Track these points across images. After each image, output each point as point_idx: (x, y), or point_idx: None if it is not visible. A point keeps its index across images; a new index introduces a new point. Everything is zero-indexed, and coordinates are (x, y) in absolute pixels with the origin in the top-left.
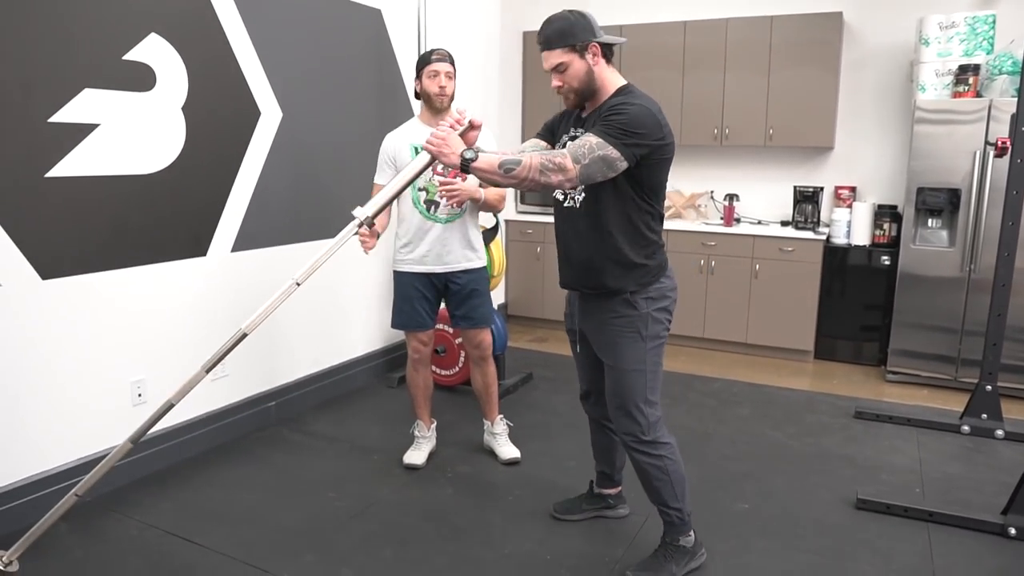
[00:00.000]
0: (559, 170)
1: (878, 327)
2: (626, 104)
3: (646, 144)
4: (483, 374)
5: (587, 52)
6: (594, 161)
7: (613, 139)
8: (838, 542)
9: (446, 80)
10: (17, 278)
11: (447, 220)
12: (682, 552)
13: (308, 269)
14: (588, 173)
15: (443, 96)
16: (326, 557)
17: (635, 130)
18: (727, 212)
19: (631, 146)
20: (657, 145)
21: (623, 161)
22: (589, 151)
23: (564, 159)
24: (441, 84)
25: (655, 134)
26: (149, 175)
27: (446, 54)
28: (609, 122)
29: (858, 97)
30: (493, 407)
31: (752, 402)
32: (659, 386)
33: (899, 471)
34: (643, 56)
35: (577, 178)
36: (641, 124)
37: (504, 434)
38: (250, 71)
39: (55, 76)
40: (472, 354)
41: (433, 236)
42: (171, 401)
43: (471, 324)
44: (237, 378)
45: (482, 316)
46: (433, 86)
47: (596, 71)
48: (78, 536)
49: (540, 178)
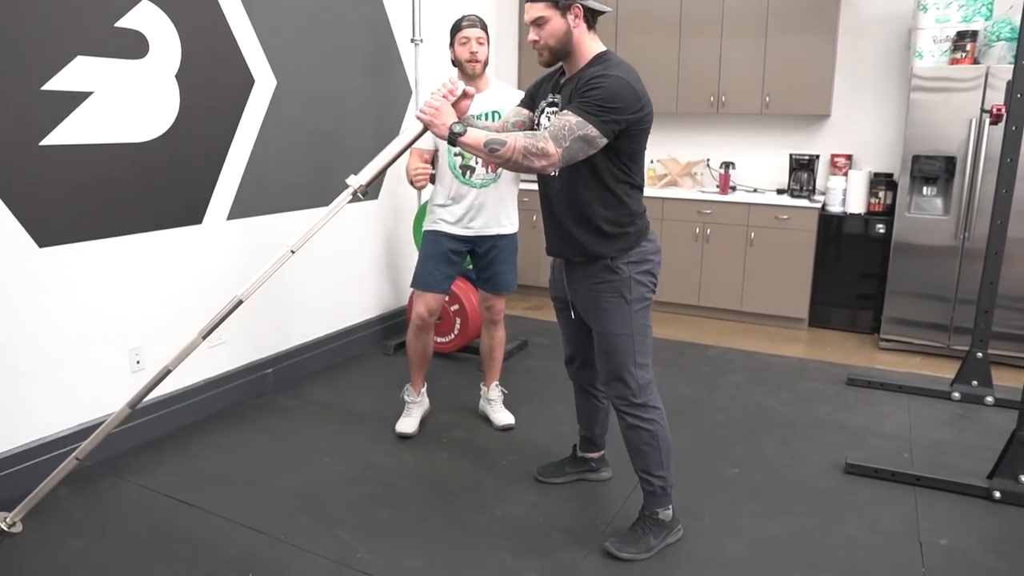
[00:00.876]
0: (542, 155)
1: (872, 295)
2: (603, 76)
3: (624, 118)
4: (490, 337)
5: (569, 12)
6: (574, 142)
7: (591, 116)
8: (826, 505)
9: (477, 46)
10: (14, 246)
11: (482, 185)
12: (660, 526)
13: (303, 237)
14: (570, 155)
15: (475, 63)
16: (321, 519)
17: (612, 104)
18: (723, 180)
19: (609, 122)
20: (635, 118)
21: (602, 138)
22: (569, 132)
23: (546, 143)
24: (472, 50)
25: (633, 106)
26: (143, 143)
27: (477, 19)
28: (587, 98)
29: (855, 64)
30: (494, 372)
31: (746, 369)
32: (649, 348)
33: (889, 437)
34: (639, 22)
35: (560, 161)
36: (618, 98)
37: (499, 400)
38: (244, 39)
39: (47, 44)
40: (484, 316)
41: (468, 200)
42: (168, 367)
43: (493, 289)
44: (235, 345)
45: (505, 283)
46: (464, 52)
47: (576, 33)
48: (79, 499)
49: (523, 161)
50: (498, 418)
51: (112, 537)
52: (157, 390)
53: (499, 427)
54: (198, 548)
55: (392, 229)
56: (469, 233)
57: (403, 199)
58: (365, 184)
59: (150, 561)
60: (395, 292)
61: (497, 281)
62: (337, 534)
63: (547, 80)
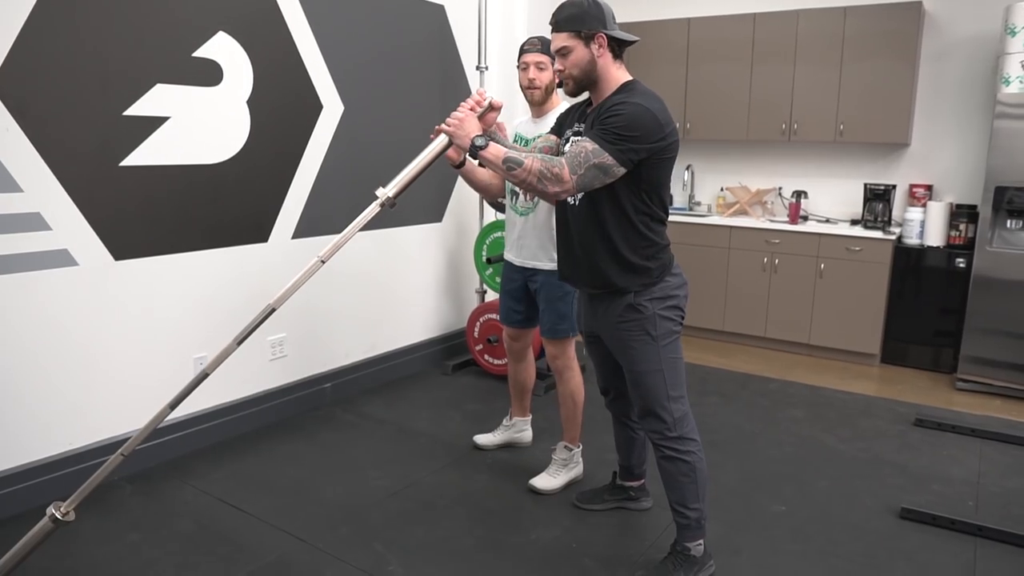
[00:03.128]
0: (556, 180)
1: (951, 332)
2: (624, 104)
3: (643, 147)
4: (557, 390)
5: (593, 42)
6: (589, 170)
7: (608, 144)
8: (874, 550)
9: (536, 72)
10: (93, 258)
11: (523, 213)
12: (691, 561)
13: (332, 247)
14: (585, 183)
15: (532, 90)
16: (360, 531)
17: (631, 133)
18: (792, 209)
19: (626, 151)
20: (657, 147)
21: (619, 167)
22: (584, 160)
23: (562, 170)
24: (531, 76)
25: (653, 135)
26: (215, 165)
27: (538, 43)
28: (605, 125)
29: (937, 91)
30: (566, 429)
31: (807, 404)
32: (681, 381)
33: (954, 482)
34: (710, 49)
35: (574, 188)
36: (637, 126)
37: (560, 463)
38: (313, 66)
39: (130, 72)
40: None
41: (517, 227)
42: (206, 371)
43: (542, 330)
44: (296, 359)
45: (548, 326)
46: (523, 79)
47: (600, 63)
48: (139, 497)
49: (537, 185)
50: (538, 480)
51: (164, 534)
52: (219, 399)
53: (531, 487)
54: (241, 550)
55: (455, 250)
56: (517, 263)
57: (466, 221)
58: (393, 196)
59: (196, 559)
60: (456, 313)
61: (542, 320)
62: (373, 546)
63: (575, 109)
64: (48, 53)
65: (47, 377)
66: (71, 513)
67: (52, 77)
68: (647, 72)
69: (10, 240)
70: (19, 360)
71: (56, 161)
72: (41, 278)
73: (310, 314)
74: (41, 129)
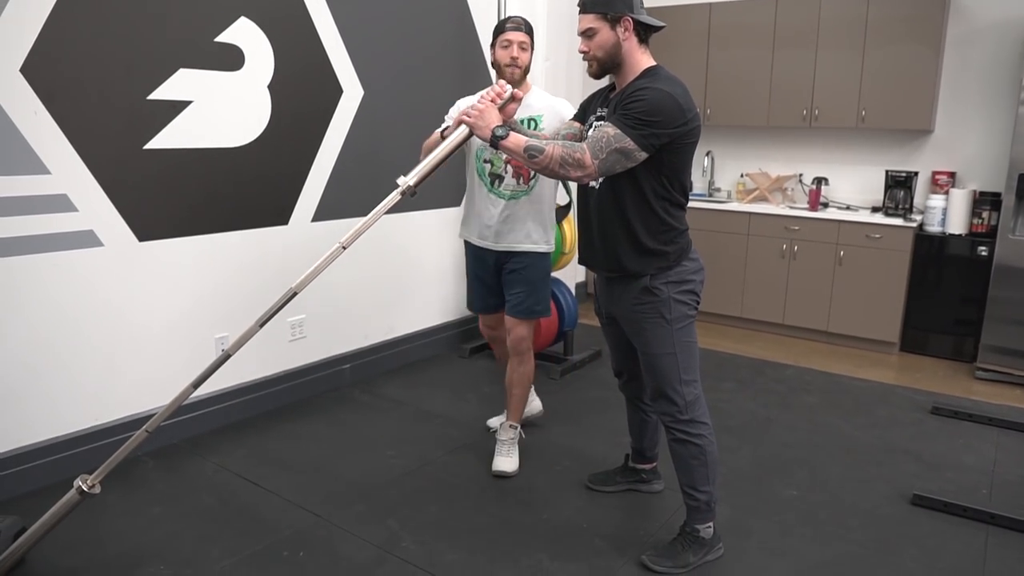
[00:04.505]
0: (577, 165)
1: (971, 321)
2: (646, 89)
3: (665, 132)
4: (511, 368)
5: (619, 24)
6: (611, 154)
7: (630, 129)
8: (885, 535)
9: (519, 51)
10: (117, 240)
11: (511, 197)
12: (700, 543)
13: (353, 233)
14: (606, 167)
15: (514, 68)
16: (375, 508)
17: (653, 118)
18: (812, 196)
19: (648, 136)
20: (678, 132)
21: (641, 152)
22: (606, 144)
23: (583, 155)
24: (513, 55)
25: (675, 120)
26: (237, 148)
27: (522, 22)
28: (628, 110)
29: (962, 77)
30: (510, 406)
31: (823, 391)
32: (694, 365)
33: (968, 470)
34: (731, 34)
35: (596, 172)
36: (659, 111)
37: (509, 443)
38: (333, 51)
39: (154, 57)
40: (508, 342)
41: (495, 211)
42: (228, 352)
43: (511, 311)
44: (315, 340)
45: (525, 307)
46: (505, 56)
47: (625, 46)
48: (162, 472)
49: (559, 170)
50: (497, 463)
51: (186, 508)
52: (241, 379)
53: (494, 472)
54: (259, 524)
55: None
56: (494, 247)
57: None
58: (414, 185)
59: (215, 532)
60: None
61: (516, 303)
62: (387, 523)
63: (599, 94)
64: (75, 38)
65: (74, 355)
66: (97, 486)
67: (79, 62)
68: (668, 57)
69: (38, 221)
70: (47, 338)
71: (82, 144)
72: (68, 258)
73: (329, 296)
74: (68, 113)
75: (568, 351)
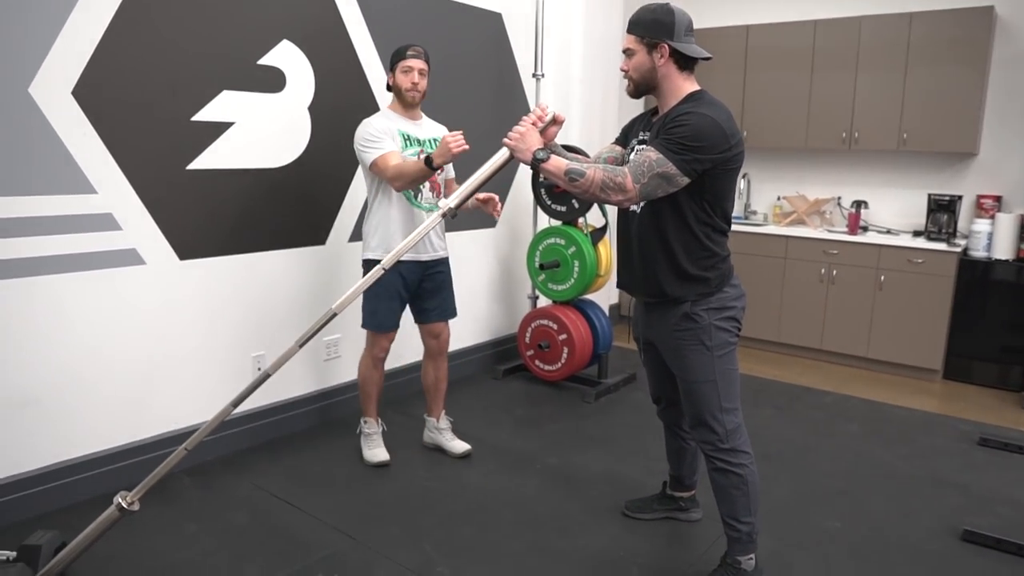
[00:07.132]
0: (619, 189)
1: (1020, 349)
2: (690, 114)
3: (707, 158)
4: (437, 368)
5: (655, 51)
6: (652, 179)
7: (672, 154)
8: (932, 573)
9: (419, 77)
10: (159, 258)
11: (430, 208)
12: (742, 575)
13: (392, 256)
14: (648, 191)
15: (414, 92)
16: (409, 531)
17: (696, 143)
18: (852, 220)
19: (690, 161)
20: (721, 158)
21: (683, 176)
22: (648, 169)
23: (625, 179)
24: (414, 80)
25: (718, 146)
26: (277, 169)
27: (422, 51)
28: (671, 135)
29: (1009, 98)
30: (440, 403)
31: (864, 419)
32: (735, 393)
33: (1020, 506)
34: (768, 56)
35: (637, 197)
36: (702, 136)
37: (450, 429)
38: (373, 74)
39: (198, 79)
40: (431, 347)
41: (421, 223)
42: (267, 372)
43: (442, 316)
44: (349, 360)
45: (453, 308)
46: (406, 81)
47: (661, 72)
48: (198, 489)
49: (600, 194)
50: (454, 447)
51: (220, 526)
52: (276, 398)
53: (458, 455)
54: (293, 545)
55: (508, 256)
56: (426, 258)
57: (519, 227)
58: (454, 207)
59: (249, 552)
60: (508, 318)
61: (447, 307)
62: (422, 546)
63: (641, 118)
64: (124, 62)
65: (114, 371)
66: (136, 503)
67: (127, 85)
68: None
69: (84, 239)
70: (89, 354)
71: (128, 164)
72: (111, 276)
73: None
74: (115, 133)
75: (603, 374)
